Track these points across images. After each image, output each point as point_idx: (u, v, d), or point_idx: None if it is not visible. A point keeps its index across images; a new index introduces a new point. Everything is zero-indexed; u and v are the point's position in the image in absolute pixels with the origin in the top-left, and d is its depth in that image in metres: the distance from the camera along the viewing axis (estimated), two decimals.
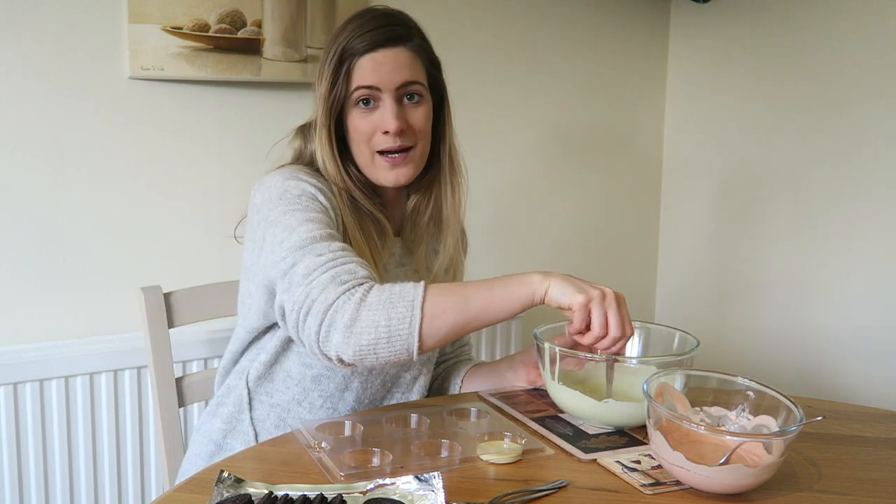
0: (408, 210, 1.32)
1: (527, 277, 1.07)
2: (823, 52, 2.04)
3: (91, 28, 1.63)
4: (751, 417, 1.03)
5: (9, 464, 1.57)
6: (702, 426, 1.00)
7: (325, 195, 1.19)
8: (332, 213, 1.18)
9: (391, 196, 1.30)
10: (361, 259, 1.12)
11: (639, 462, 1.02)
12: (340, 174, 1.23)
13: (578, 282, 1.07)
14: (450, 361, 1.45)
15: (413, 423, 1.12)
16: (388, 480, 0.90)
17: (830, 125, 2.04)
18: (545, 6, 2.21)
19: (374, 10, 1.23)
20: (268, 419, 1.24)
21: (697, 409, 1.05)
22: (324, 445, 1.03)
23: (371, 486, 0.90)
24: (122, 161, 1.69)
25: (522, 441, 1.05)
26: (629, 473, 0.98)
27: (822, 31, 2.05)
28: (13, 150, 1.59)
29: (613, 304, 1.05)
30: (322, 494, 0.86)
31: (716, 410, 1.05)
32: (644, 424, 1.06)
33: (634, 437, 1.10)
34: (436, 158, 1.29)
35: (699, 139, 2.39)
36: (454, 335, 1.06)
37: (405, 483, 0.89)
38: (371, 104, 1.21)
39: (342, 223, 1.20)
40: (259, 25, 1.76)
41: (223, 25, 1.72)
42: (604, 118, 2.37)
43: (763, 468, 0.92)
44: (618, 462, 1.01)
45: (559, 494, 0.93)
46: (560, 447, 1.06)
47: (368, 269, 1.09)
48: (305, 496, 0.86)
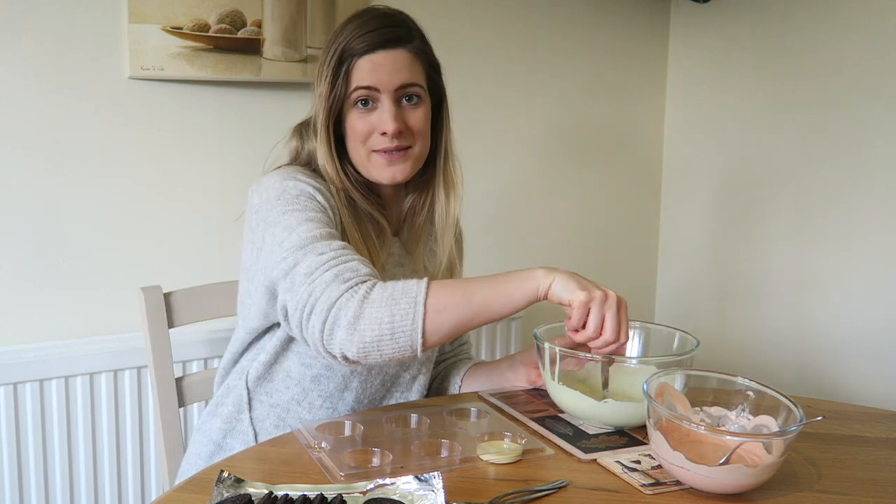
0: (404, 210, 1.32)
1: (531, 272, 1.06)
2: (823, 52, 2.04)
3: (91, 28, 1.63)
4: (751, 417, 1.03)
5: (9, 464, 1.57)
6: (702, 426, 1.00)
7: (323, 195, 1.18)
8: (331, 213, 1.18)
9: (389, 196, 1.30)
10: (362, 257, 1.12)
11: (639, 462, 1.02)
12: (339, 173, 1.22)
13: (583, 280, 1.07)
14: (449, 360, 1.45)
15: (413, 423, 1.12)
16: (388, 480, 0.90)
17: (830, 125, 2.04)
18: (545, 6, 2.21)
19: (375, 11, 1.23)
20: (267, 419, 1.24)
21: (697, 409, 1.05)
22: (324, 445, 1.03)
23: (371, 486, 0.90)
24: (122, 161, 1.69)
25: (522, 441, 1.05)
26: (629, 473, 0.98)
27: (822, 31, 2.05)
28: (13, 150, 1.59)
29: (613, 308, 1.05)
30: (322, 494, 0.86)
31: (716, 410, 1.05)
32: (644, 424, 1.05)
33: (634, 437, 1.10)
34: (433, 160, 1.29)
35: (699, 139, 2.39)
36: (458, 331, 1.05)
37: (405, 483, 0.89)
38: (370, 105, 1.20)
39: (340, 223, 1.20)
40: (259, 25, 1.76)
41: (223, 25, 1.71)
42: (604, 118, 2.37)
43: (763, 468, 0.92)
44: (618, 462, 1.01)
45: (559, 494, 0.93)
46: (560, 447, 1.06)
47: (370, 267, 1.09)
48: (305, 496, 0.86)
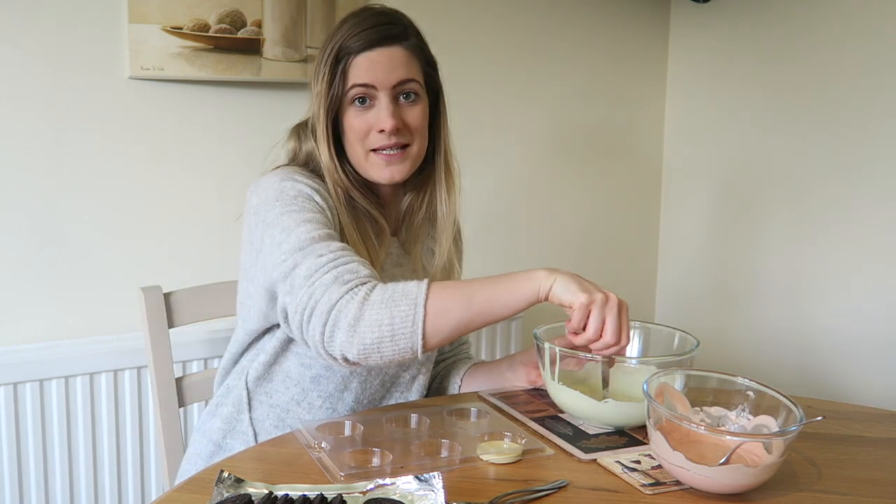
0: (402, 209, 1.32)
1: (532, 273, 1.06)
2: (823, 52, 2.04)
3: (91, 28, 1.63)
4: (751, 417, 1.03)
5: (9, 464, 1.57)
6: (702, 426, 1.00)
7: (322, 195, 1.18)
8: (329, 214, 1.18)
9: (388, 195, 1.30)
10: (362, 258, 1.12)
11: (639, 462, 1.02)
12: (337, 173, 1.22)
13: (584, 282, 1.06)
14: (449, 360, 1.45)
15: (413, 423, 1.12)
16: (388, 480, 0.90)
17: (830, 125, 2.04)
18: (545, 7, 2.21)
19: (371, 9, 1.23)
20: (267, 419, 1.24)
21: (697, 409, 1.05)
22: (324, 445, 1.03)
23: (371, 486, 0.90)
24: (122, 161, 1.69)
25: (522, 441, 1.05)
26: (629, 473, 0.98)
27: (823, 32, 2.05)
28: (13, 150, 1.59)
29: (614, 311, 1.04)
30: (322, 494, 0.86)
31: (716, 410, 1.05)
32: (644, 424, 1.05)
33: (634, 437, 1.10)
34: (431, 158, 1.29)
35: (699, 139, 2.39)
36: (458, 333, 1.05)
37: (405, 483, 0.89)
38: (367, 103, 1.20)
39: (339, 223, 1.20)
40: (259, 25, 1.76)
41: (223, 25, 1.72)
42: (604, 118, 2.37)
43: (763, 468, 0.92)
44: (618, 462, 1.01)
45: (559, 494, 0.93)
46: (560, 447, 1.06)
47: (370, 268, 1.09)
48: (305, 496, 0.86)
